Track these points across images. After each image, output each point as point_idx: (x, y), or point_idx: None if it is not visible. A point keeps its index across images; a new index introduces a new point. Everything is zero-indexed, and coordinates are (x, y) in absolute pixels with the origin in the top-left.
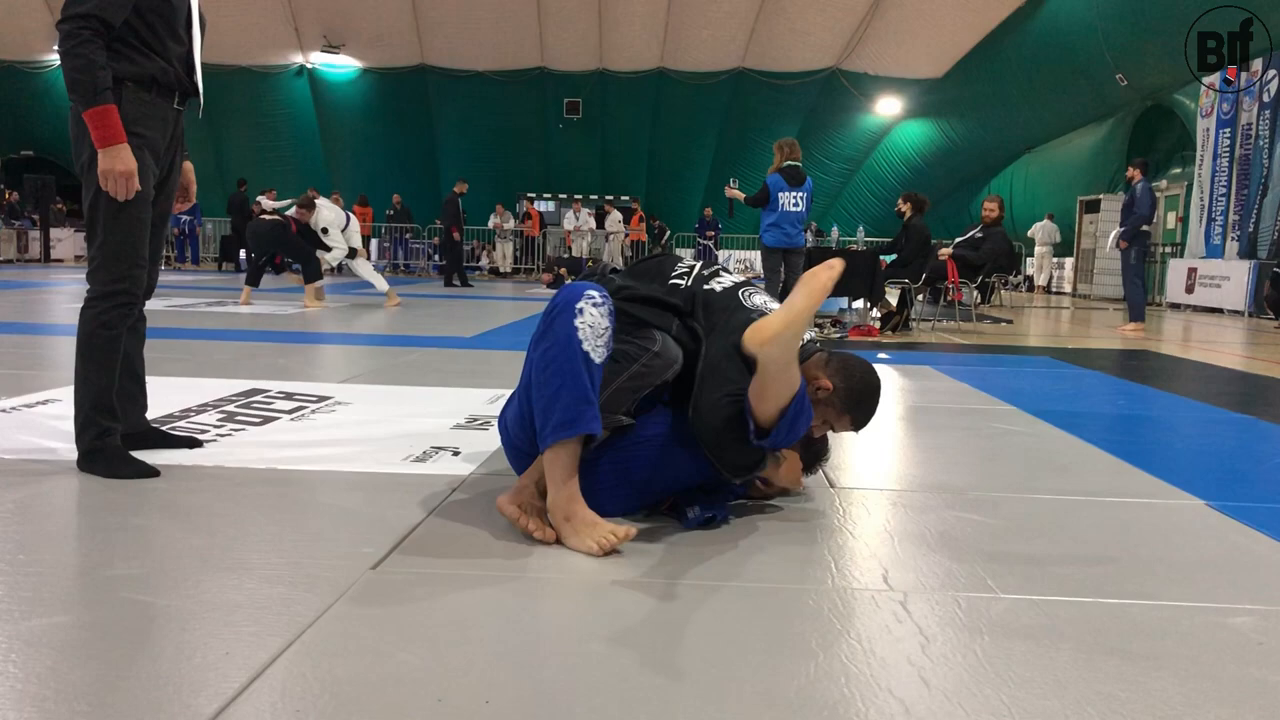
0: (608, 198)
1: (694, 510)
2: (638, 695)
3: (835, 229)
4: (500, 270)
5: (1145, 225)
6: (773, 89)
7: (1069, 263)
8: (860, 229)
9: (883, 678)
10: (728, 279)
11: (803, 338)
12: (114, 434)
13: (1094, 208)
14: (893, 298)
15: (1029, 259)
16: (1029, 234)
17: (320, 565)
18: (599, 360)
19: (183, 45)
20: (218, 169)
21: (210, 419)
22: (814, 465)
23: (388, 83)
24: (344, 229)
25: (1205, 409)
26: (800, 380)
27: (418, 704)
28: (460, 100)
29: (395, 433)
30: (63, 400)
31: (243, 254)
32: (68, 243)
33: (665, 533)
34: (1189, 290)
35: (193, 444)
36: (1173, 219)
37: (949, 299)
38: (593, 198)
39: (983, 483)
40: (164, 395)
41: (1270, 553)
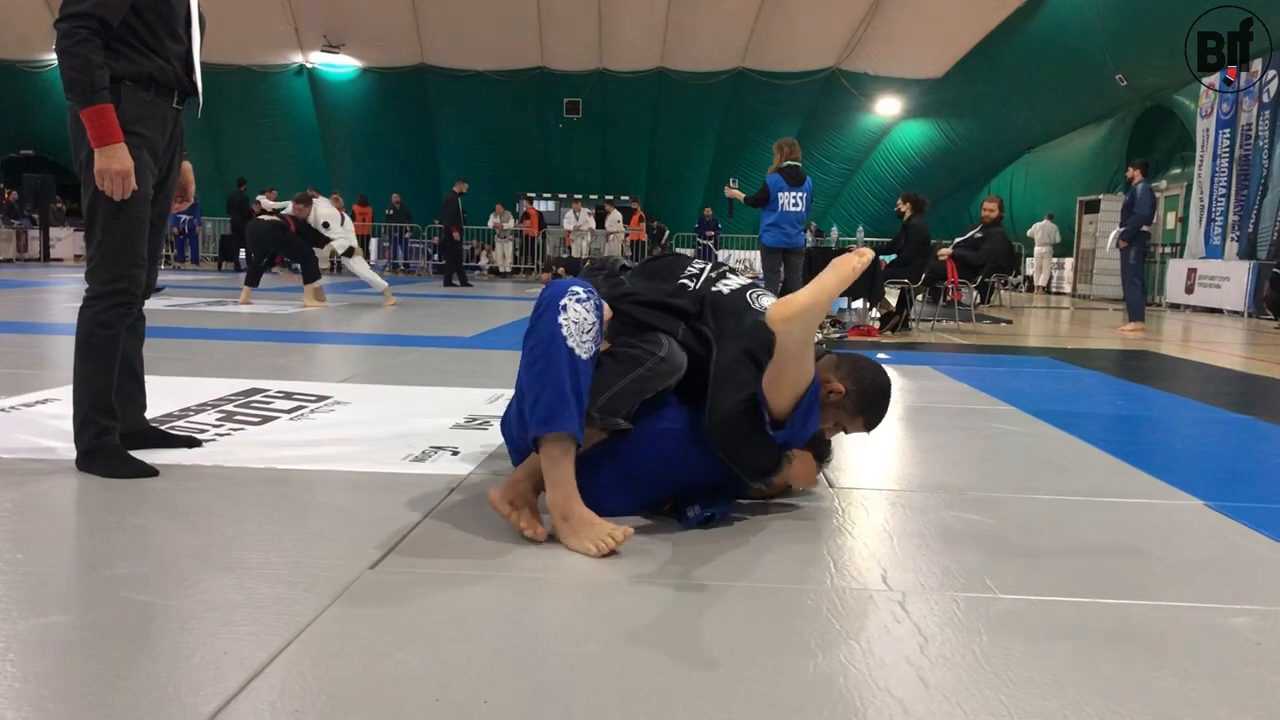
0: (608, 198)
1: (694, 510)
2: (637, 695)
3: (835, 229)
4: (500, 270)
5: (1145, 225)
6: (773, 89)
7: (1069, 263)
8: (860, 229)
9: (881, 678)
10: (735, 281)
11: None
12: (113, 433)
13: (1094, 208)
14: (892, 298)
15: (1028, 259)
16: (1029, 234)
17: (319, 565)
18: (586, 356)
19: (182, 44)
20: (217, 168)
21: (209, 418)
22: (819, 465)
23: (388, 82)
24: (340, 225)
25: (1205, 409)
26: (814, 371)
27: (416, 704)
28: (460, 100)
29: (394, 432)
30: (61, 399)
31: (242, 254)
32: (67, 242)
33: (664, 532)
34: (1189, 290)
35: (192, 443)
36: (1172, 219)
37: (948, 299)
38: (593, 198)
39: (982, 483)
40: (163, 395)
41: (1269, 553)
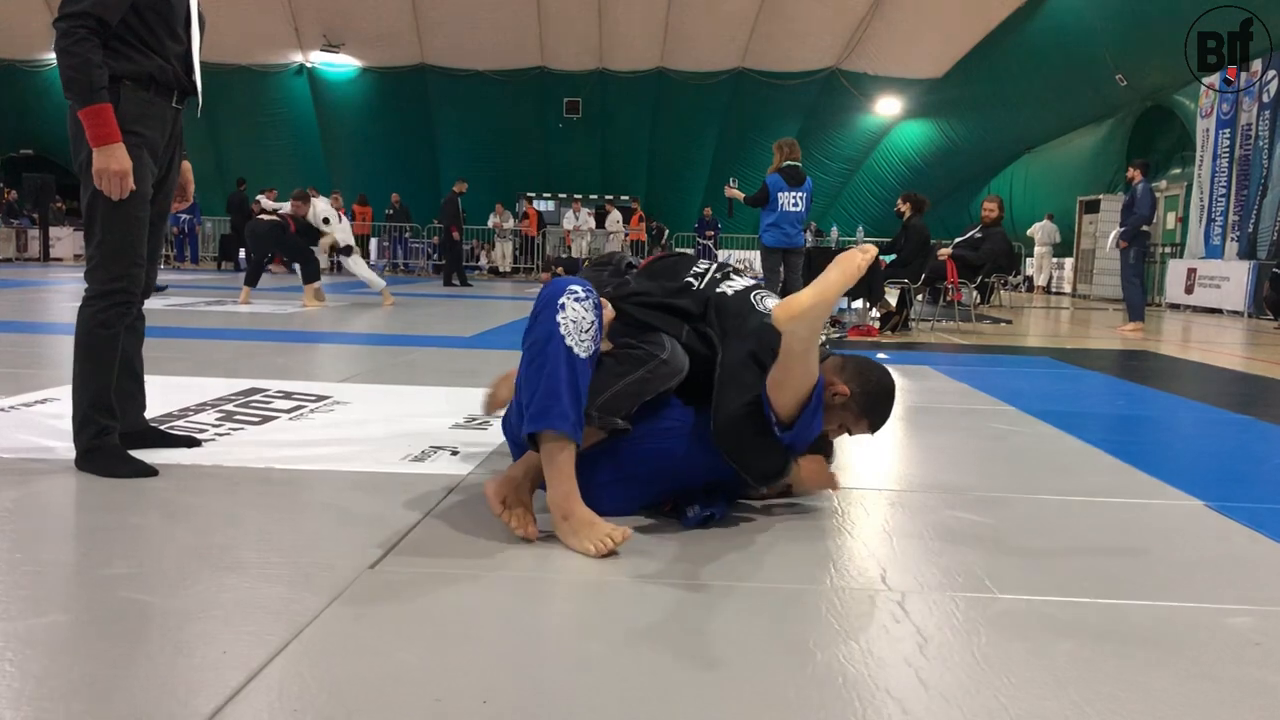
0: (608, 197)
1: (693, 509)
2: (636, 695)
3: (835, 229)
4: (499, 270)
5: (1145, 225)
6: (773, 89)
7: (1068, 263)
8: (860, 229)
9: (880, 678)
10: (739, 282)
11: (825, 323)
12: (112, 433)
13: (1094, 208)
14: (892, 298)
15: (1028, 259)
16: (1028, 234)
17: (318, 565)
18: (585, 355)
19: (181, 44)
20: (217, 168)
21: (209, 418)
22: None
23: (388, 82)
24: (338, 223)
25: (1204, 409)
26: (819, 373)
27: (415, 704)
28: (460, 100)
29: (394, 432)
30: (61, 399)
31: (242, 253)
32: (67, 241)
33: (663, 532)
34: (1188, 291)
35: (191, 443)
36: (1172, 219)
37: (948, 299)
38: (593, 197)
39: (981, 483)
40: (163, 394)
41: (1269, 553)
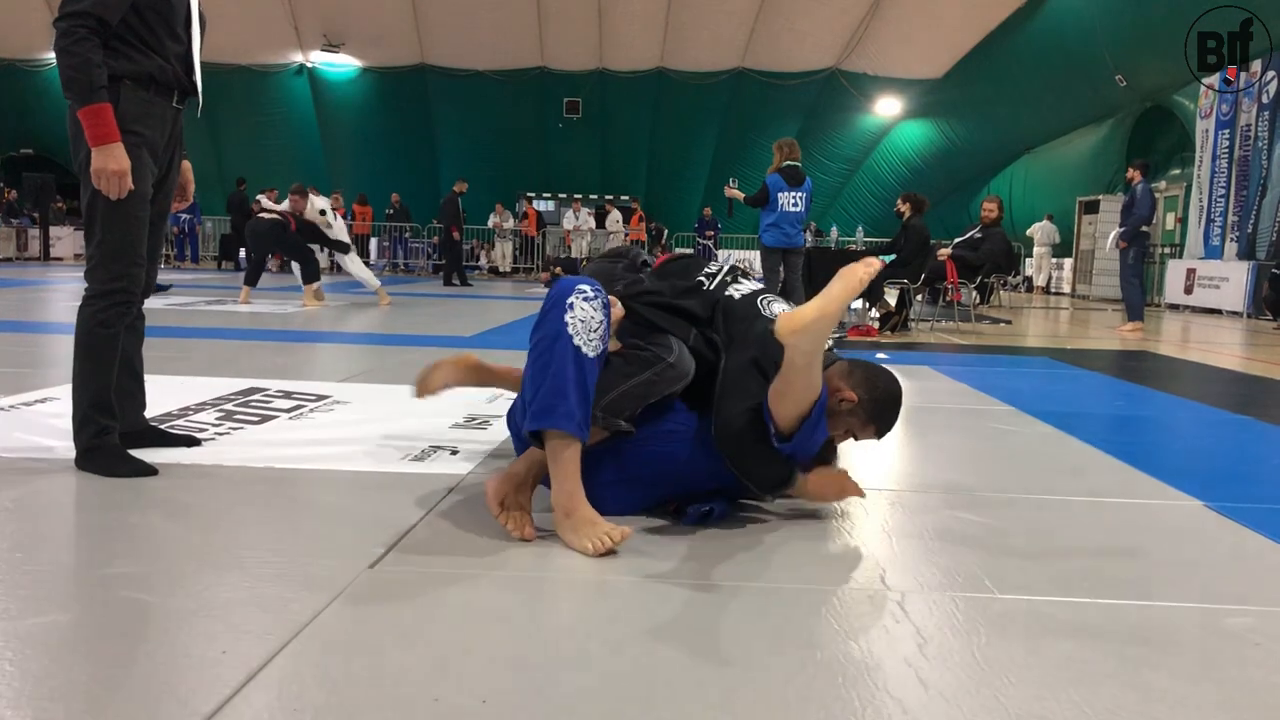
0: (607, 197)
1: (693, 506)
2: (636, 695)
3: (835, 229)
4: (499, 269)
5: (1145, 226)
6: (773, 89)
7: (1068, 263)
8: (859, 229)
9: (880, 678)
10: (746, 285)
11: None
12: (112, 432)
13: (1093, 208)
14: (891, 298)
15: (1028, 259)
16: (1028, 234)
17: (318, 564)
18: (593, 354)
19: (181, 44)
20: (217, 168)
21: (209, 417)
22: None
23: (387, 82)
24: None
25: (1204, 410)
26: (822, 387)
27: (415, 704)
28: (460, 100)
29: (393, 432)
30: (61, 398)
31: (242, 253)
32: (67, 241)
33: (664, 532)
34: (1188, 291)
35: (191, 443)
36: (1172, 220)
37: (948, 299)
38: (593, 197)
39: (981, 483)
40: (162, 394)
41: (1269, 553)
